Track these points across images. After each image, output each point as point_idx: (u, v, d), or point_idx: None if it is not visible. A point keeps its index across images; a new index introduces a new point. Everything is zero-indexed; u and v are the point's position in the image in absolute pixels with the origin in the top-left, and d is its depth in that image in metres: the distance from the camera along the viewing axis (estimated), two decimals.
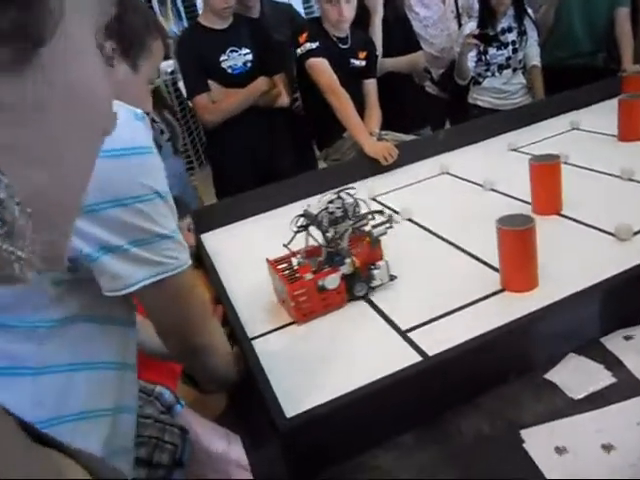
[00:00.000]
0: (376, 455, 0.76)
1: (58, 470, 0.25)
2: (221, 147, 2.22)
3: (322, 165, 2.36)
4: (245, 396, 0.94)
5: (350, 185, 1.14)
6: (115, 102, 0.67)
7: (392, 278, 1.12)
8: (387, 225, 1.10)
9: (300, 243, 1.11)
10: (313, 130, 2.30)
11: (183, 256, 0.70)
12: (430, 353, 0.87)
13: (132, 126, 0.64)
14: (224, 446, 1.44)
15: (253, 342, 1.01)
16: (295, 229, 1.09)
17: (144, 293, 0.68)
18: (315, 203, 1.09)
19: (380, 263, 1.10)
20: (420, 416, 0.80)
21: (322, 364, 0.92)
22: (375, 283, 1.10)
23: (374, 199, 1.63)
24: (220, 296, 1.14)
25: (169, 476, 1.22)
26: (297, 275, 1.11)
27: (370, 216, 1.11)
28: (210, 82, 2.11)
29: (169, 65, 1.98)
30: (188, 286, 0.74)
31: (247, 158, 2.18)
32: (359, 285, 1.09)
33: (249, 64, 2.15)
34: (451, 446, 0.75)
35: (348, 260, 1.06)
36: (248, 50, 2.14)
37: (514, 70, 2.42)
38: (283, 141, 2.29)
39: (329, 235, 1.07)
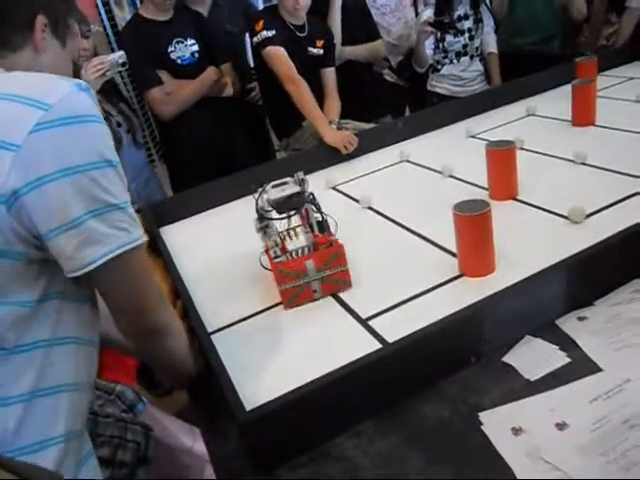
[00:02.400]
0: (338, 444, 0.76)
1: None
2: (175, 140, 2.19)
3: (282, 155, 2.34)
4: (205, 390, 0.93)
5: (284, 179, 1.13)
6: (56, 75, 0.67)
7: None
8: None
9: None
10: (272, 120, 2.28)
11: (137, 231, 0.70)
12: (390, 340, 0.87)
13: (77, 96, 0.65)
14: (190, 442, 1.43)
15: (212, 336, 0.99)
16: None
17: (100, 271, 0.67)
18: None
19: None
20: (381, 403, 0.80)
21: (282, 355, 0.92)
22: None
23: (334, 188, 1.62)
24: (179, 290, 1.12)
25: (133, 474, 1.20)
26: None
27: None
28: (160, 73, 2.07)
29: (120, 56, 1.91)
30: (143, 263, 0.74)
31: (202, 150, 2.15)
32: None
33: (196, 54, 2.13)
34: (412, 432, 0.76)
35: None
36: (193, 41, 2.12)
37: (471, 57, 2.44)
38: (238, 131, 2.26)
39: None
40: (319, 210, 1.09)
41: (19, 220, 0.63)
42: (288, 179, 1.12)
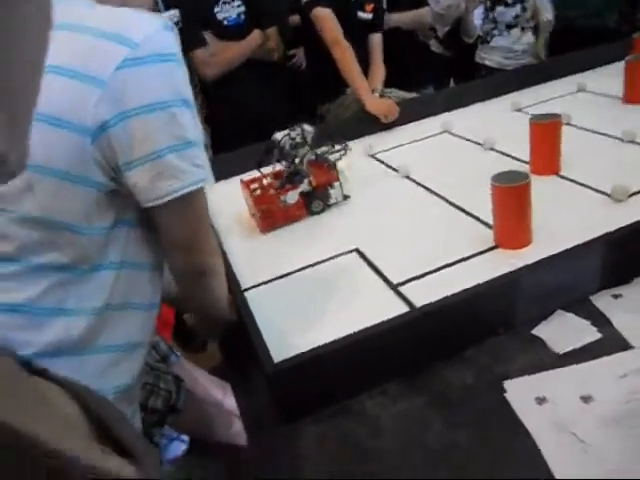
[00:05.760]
0: (361, 400, 0.78)
1: (42, 395, 0.26)
2: (217, 102, 2.20)
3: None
4: (236, 344, 0.96)
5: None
6: (142, 12, 0.69)
7: (346, 197, 1.32)
8: (342, 152, 1.29)
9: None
10: (315, 84, 2.27)
11: (208, 170, 0.74)
12: (418, 305, 0.88)
13: (162, 35, 0.68)
14: (220, 396, 1.48)
15: (245, 293, 1.02)
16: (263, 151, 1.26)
17: (169, 205, 0.72)
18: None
19: (335, 183, 1.29)
20: (407, 366, 0.81)
21: (312, 313, 0.94)
22: (331, 201, 1.30)
23: (373, 156, 1.62)
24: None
25: (163, 421, 1.26)
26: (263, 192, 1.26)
27: (329, 145, 1.29)
28: (205, 34, 2.07)
29: (174, 15, 1.92)
30: (206, 203, 0.78)
31: (243, 113, 2.16)
32: (316, 202, 1.28)
33: (242, 16, 2.11)
34: (435, 396, 0.77)
35: (306, 179, 1.25)
36: (240, 2, 2.10)
37: (522, 29, 2.37)
38: (280, 96, 2.26)
39: (291, 158, 1.24)
40: (291, 162, 1.24)
41: (102, 151, 0.67)
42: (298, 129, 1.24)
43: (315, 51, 2.07)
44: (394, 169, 1.48)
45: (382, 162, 1.57)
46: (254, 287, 1.06)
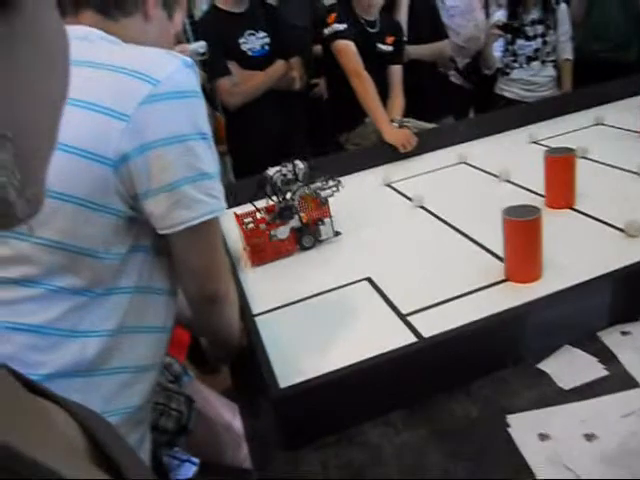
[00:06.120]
0: (365, 430, 0.78)
1: (42, 413, 0.26)
2: (239, 129, 2.25)
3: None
4: (245, 368, 0.98)
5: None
6: (164, 51, 0.74)
7: (337, 234, 1.33)
8: (334, 189, 1.29)
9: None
10: (334, 113, 2.31)
11: (222, 201, 0.77)
12: (426, 336, 0.89)
13: (183, 73, 0.72)
14: (230, 418, 1.48)
15: (255, 318, 1.04)
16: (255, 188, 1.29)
17: (184, 233, 0.75)
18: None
19: (326, 220, 1.30)
20: (412, 396, 0.81)
21: (319, 341, 0.95)
22: (322, 237, 1.31)
23: (389, 185, 1.64)
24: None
25: (173, 442, 1.27)
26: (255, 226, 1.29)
27: (322, 180, 1.30)
28: (230, 64, 2.13)
29: (201, 46, 1.99)
30: (220, 232, 0.82)
31: (265, 141, 2.21)
32: (307, 237, 1.30)
33: (266, 47, 2.18)
34: (438, 427, 0.77)
35: (297, 215, 1.27)
36: (265, 33, 2.17)
37: (543, 62, 2.39)
38: (300, 125, 2.31)
39: (283, 194, 1.27)
40: (282, 198, 1.27)
41: (122, 181, 0.71)
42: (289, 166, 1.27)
43: (336, 81, 2.11)
44: (409, 198, 1.50)
45: (398, 191, 1.59)
46: (265, 313, 1.07)
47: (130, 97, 0.69)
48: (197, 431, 1.33)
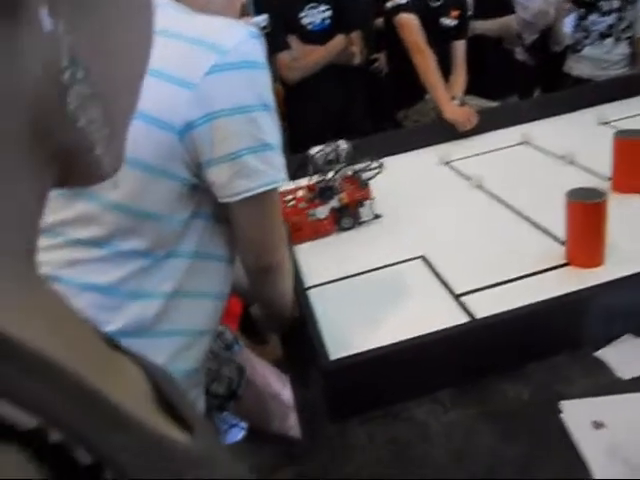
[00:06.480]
0: (412, 407, 0.79)
1: (117, 363, 0.28)
2: (297, 103, 2.25)
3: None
4: (296, 340, 0.99)
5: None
6: (232, 20, 0.74)
7: (376, 217, 1.30)
8: (377, 170, 1.27)
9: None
10: (395, 89, 2.27)
11: (283, 172, 0.78)
12: (479, 317, 0.87)
13: (249, 43, 0.72)
14: (279, 388, 1.52)
15: (308, 291, 1.05)
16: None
17: (245, 203, 0.76)
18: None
19: (366, 202, 1.28)
20: (462, 376, 0.81)
21: (371, 316, 0.95)
22: (362, 219, 1.29)
23: (446, 164, 1.61)
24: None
25: (223, 406, 1.31)
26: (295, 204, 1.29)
27: (365, 162, 1.28)
28: (290, 38, 2.12)
29: (263, 20, 1.99)
30: (279, 203, 0.83)
31: (323, 117, 2.20)
32: (346, 219, 1.28)
33: (327, 21, 2.15)
34: (488, 408, 0.77)
35: (337, 196, 1.25)
36: (327, 6, 2.14)
37: (617, 39, 2.26)
38: (359, 101, 2.28)
39: (324, 174, 1.27)
40: (323, 178, 1.26)
41: (187, 149, 0.72)
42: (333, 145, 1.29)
43: (397, 56, 2.07)
44: (467, 178, 1.46)
45: (455, 170, 1.56)
46: (318, 286, 1.08)
47: (197, 66, 0.70)
48: (246, 398, 1.36)
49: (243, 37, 0.72)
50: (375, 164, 1.28)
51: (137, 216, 0.74)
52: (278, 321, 1.01)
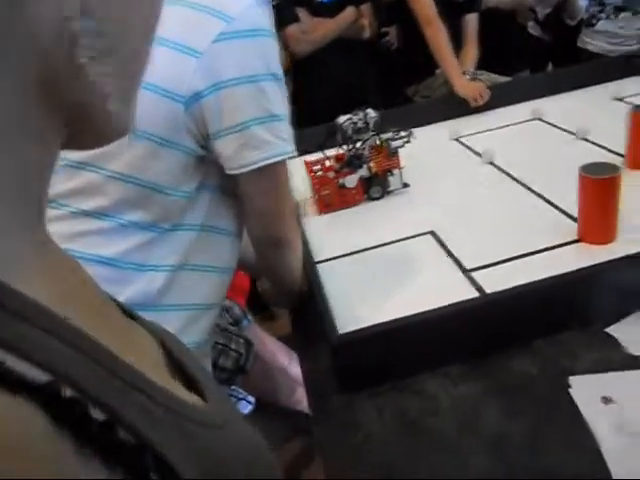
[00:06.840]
0: (422, 380, 0.79)
1: (132, 331, 0.28)
2: (306, 76, 2.22)
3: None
4: (305, 314, 0.99)
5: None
6: None
7: (405, 185, 1.30)
8: (405, 139, 1.25)
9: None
10: (405, 63, 2.23)
11: (291, 143, 0.77)
12: (489, 292, 0.87)
13: (256, 10, 0.71)
14: (286, 362, 1.53)
15: (317, 266, 1.05)
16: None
17: (253, 174, 0.75)
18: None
19: (395, 171, 1.27)
20: (471, 350, 0.81)
21: (381, 290, 0.95)
22: (390, 188, 1.29)
23: (457, 140, 1.59)
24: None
25: (231, 380, 1.32)
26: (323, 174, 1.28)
27: (394, 131, 1.26)
28: (299, 11, 2.09)
29: None
30: (287, 175, 0.81)
31: (332, 90, 2.17)
32: (375, 188, 1.28)
33: None
34: (496, 382, 0.77)
35: (366, 165, 1.24)
36: None
37: (634, 13, 2.20)
38: (369, 75, 2.25)
39: (353, 143, 1.24)
40: (352, 147, 1.24)
41: (194, 119, 0.71)
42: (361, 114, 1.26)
43: (407, 30, 2.04)
44: (478, 154, 1.45)
45: (466, 146, 1.54)
46: (327, 260, 1.08)
47: (203, 34, 0.68)
48: (254, 372, 1.38)
49: (250, 4, 0.70)
50: (404, 133, 1.27)
51: (142, 187, 0.74)
52: (287, 296, 1.01)
